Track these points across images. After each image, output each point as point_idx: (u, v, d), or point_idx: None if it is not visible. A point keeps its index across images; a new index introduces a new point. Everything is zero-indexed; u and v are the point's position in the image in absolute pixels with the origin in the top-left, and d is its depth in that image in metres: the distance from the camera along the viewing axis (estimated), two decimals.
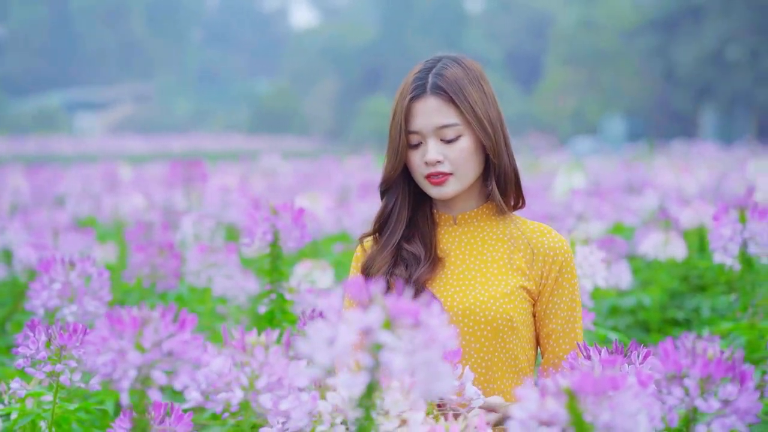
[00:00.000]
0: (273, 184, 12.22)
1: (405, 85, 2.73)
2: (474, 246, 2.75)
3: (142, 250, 4.84)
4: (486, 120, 2.68)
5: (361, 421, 1.78)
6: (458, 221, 2.78)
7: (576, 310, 2.73)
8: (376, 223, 2.82)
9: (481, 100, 2.69)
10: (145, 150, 33.69)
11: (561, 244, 2.74)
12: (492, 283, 2.69)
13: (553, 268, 2.71)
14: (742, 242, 3.76)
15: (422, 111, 2.68)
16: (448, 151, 2.67)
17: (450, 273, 2.73)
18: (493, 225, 2.77)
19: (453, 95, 2.66)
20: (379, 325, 1.70)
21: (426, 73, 2.71)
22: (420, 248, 2.74)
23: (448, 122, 2.67)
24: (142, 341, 1.89)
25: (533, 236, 2.74)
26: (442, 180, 2.69)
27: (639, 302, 5.52)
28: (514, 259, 2.72)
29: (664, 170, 10.28)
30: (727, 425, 1.91)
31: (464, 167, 2.69)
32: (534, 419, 1.80)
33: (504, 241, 2.74)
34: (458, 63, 2.72)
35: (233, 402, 2.01)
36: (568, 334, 2.71)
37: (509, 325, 2.65)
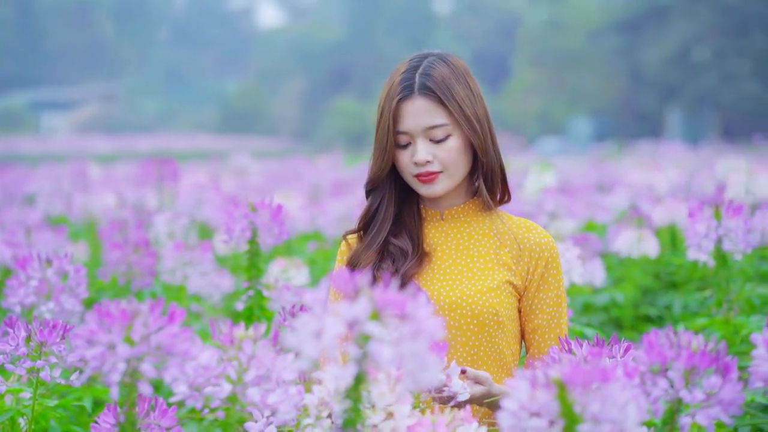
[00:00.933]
0: (243, 183, 12.20)
1: (392, 86, 2.71)
2: (461, 241, 2.77)
3: (117, 248, 4.83)
4: (474, 118, 2.69)
5: (349, 412, 1.79)
6: (445, 217, 2.79)
7: (561, 306, 2.75)
8: (361, 221, 2.83)
9: (468, 99, 2.70)
10: (112, 150, 33.52)
11: (547, 240, 2.76)
12: (478, 277, 2.70)
13: (539, 264, 2.72)
14: (716, 239, 3.80)
15: (411, 112, 2.68)
16: (438, 150, 2.68)
17: (436, 267, 2.74)
18: (479, 220, 2.79)
19: (441, 95, 2.66)
20: (367, 316, 1.71)
21: (413, 73, 2.70)
22: (407, 242, 2.75)
23: (437, 123, 2.67)
24: (131, 334, 1.89)
25: (520, 232, 2.75)
26: (432, 178, 2.70)
27: (612, 299, 5.56)
28: (501, 255, 2.73)
29: (635, 169, 10.34)
30: (711, 416, 1.93)
31: (454, 166, 2.70)
32: (524, 410, 1.81)
33: (490, 237, 2.76)
34: (444, 61, 2.73)
35: (221, 395, 2.01)
36: (553, 329, 2.73)
37: (495, 319, 2.67)
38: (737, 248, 3.79)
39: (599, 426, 1.78)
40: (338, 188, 10.16)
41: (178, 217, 5.94)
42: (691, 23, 39.51)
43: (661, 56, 40.34)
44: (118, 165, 18.16)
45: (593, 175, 12.64)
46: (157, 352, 1.92)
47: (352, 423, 1.78)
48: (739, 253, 3.81)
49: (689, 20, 39.64)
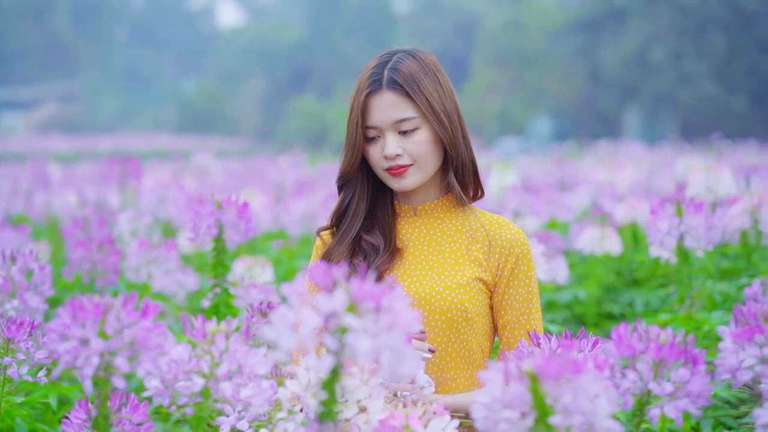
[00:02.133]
0: (206, 182, 12.17)
1: (361, 81, 2.74)
2: (433, 237, 2.78)
3: (81, 246, 4.80)
4: (442, 112, 2.70)
5: (326, 405, 1.80)
6: (418, 212, 2.81)
7: (532, 302, 2.76)
8: (333, 218, 2.84)
9: (437, 93, 2.71)
10: (71, 149, 33.28)
11: (518, 236, 2.78)
12: (448, 273, 2.72)
13: (509, 260, 2.74)
14: (678, 236, 3.84)
15: (379, 106, 2.70)
16: (407, 143, 2.70)
17: (408, 263, 2.76)
18: (452, 216, 2.80)
19: (409, 89, 2.68)
20: (344, 308, 1.72)
21: (382, 68, 2.73)
22: (379, 238, 2.76)
23: (405, 116, 2.69)
24: (104, 329, 1.89)
25: (491, 228, 2.77)
26: (402, 171, 2.71)
27: (575, 297, 5.60)
28: (472, 251, 2.75)
29: (596, 168, 10.42)
30: (679, 408, 1.96)
31: (424, 159, 2.72)
32: (497, 402, 1.83)
33: (463, 233, 2.77)
34: (413, 56, 2.75)
35: (194, 390, 2.01)
36: (523, 325, 2.74)
37: (464, 315, 2.68)
38: (699, 245, 3.84)
39: (570, 417, 1.80)
40: (302, 187, 10.17)
41: (141, 215, 5.92)
42: (648, 24, 39.76)
43: (619, 57, 40.59)
44: (79, 164, 18.04)
45: (555, 174, 12.71)
46: (131, 346, 1.92)
47: (328, 415, 1.79)
48: (701, 250, 3.85)
49: (646, 21, 39.90)
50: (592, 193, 8.61)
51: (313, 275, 1.74)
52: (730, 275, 5.01)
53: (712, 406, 3.45)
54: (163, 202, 6.60)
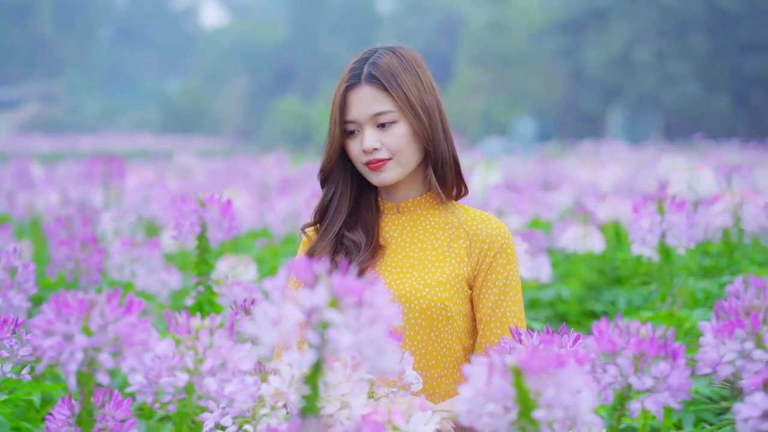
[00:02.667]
0: (188, 182, 12.16)
1: (342, 76, 2.77)
2: (415, 234, 2.79)
3: (64, 245, 4.79)
4: (420, 107, 2.71)
5: (308, 399, 1.81)
6: (401, 209, 2.82)
7: (508, 295, 2.75)
8: (316, 214, 2.85)
9: (416, 87, 2.73)
10: (53, 149, 33.17)
11: (499, 230, 2.78)
12: (428, 270, 2.73)
13: (488, 253, 2.74)
14: (660, 233, 3.86)
15: (357, 100, 2.72)
16: (385, 137, 2.71)
17: (390, 260, 2.76)
18: (435, 213, 2.81)
19: (386, 83, 2.70)
20: (326, 303, 1.73)
21: (362, 63, 2.75)
22: (361, 236, 2.77)
23: (383, 109, 2.71)
24: (88, 324, 1.90)
25: (473, 224, 2.78)
26: (380, 165, 2.73)
27: (558, 295, 5.62)
28: (453, 247, 2.75)
29: (580, 167, 10.46)
30: (659, 401, 1.97)
31: (402, 153, 2.73)
32: (481, 396, 1.84)
33: (444, 229, 2.78)
34: (394, 52, 2.77)
35: (178, 385, 2.02)
36: (499, 318, 2.73)
37: (443, 313, 2.69)
38: (680, 243, 3.86)
39: (553, 411, 1.82)
40: (285, 186, 10.17)
41: (124, 214, 5.92)
42: (630, 24, 39.88)
43: (602, 57, 40.70)
44: (61, 164, 17.99)
45: (538, 174, 12.75)
46: (115, 342, 1.92)
47: (310, 409, 1.79)
48: (683, 247, 3.87)
49: (629, 21, 40.01)
50: (575, 192, 8.64)
51: (295, 270, 1.75)
52: (712, 273, 5.04)
53: (694, 402, 3.47)
54: (147, 201, 6.60)
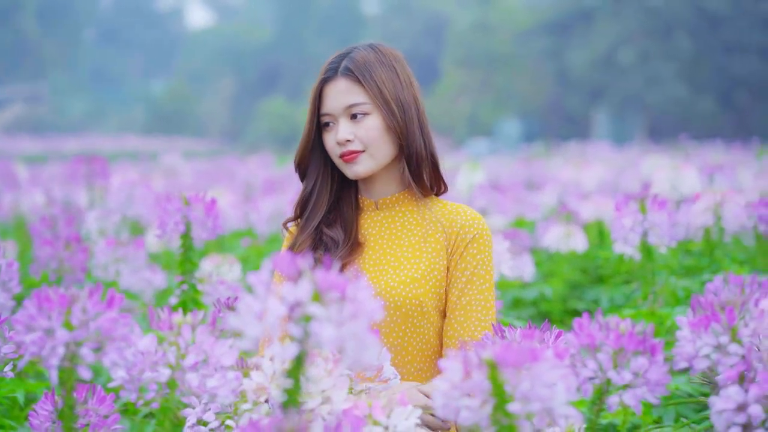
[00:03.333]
0: (174, 182, 12.16)
1: (320, 71, 2.81)
2: (392, 231, 2.81)
3: (48, 244, 4.80)
4: (394, 101, 2.74)
5: (290, 392, 1.82)
6: (380, 206, 2.84)
7: (475, 284, 2.74)
8: (297, 208, 2.88)
9: (390, 81, 2.76)
10: (38, 150, 33.09)
11: (473, 221, 2.78)
12: (405, 267, 2.74)
13: (461, 243, 2.75)
14: (642, 232, 3.89)
15: (332, 92, 2.77)
16: (358, 129, 2.74)
17: (367, 257, 2.79)
18: (413, 210, 2.83)
19: (360, 76, 2.74)
20: (309, 297, 1.75)
21: (340, 58, 2.79)
22: (340, 233, 2.79)
23: (356, 101, 2.74)
24: (70, 319, 1.91)
25: (449, 216, 2.79)
26: (354, 157, 2.75)
27: (541, 294, 5.65)
28: (430, 242, 2.77)
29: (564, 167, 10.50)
30: (638, 396, 2.00)
31: (375, 145, 2.75)
32: (457, 389, 1.87)
33: (422, 225, 2.80)
34: (372, 48, 2.81)
35: (160, 381, 2.03)
36: (463, 306, 2.73)
37: (419, 309, 2.71)
38: (662, 241, 3.89)
39: (529, 405, 1.84)
40: (270, 186, 10.18)
41: (109, 214, 5.93)
42: (616, 25, 40.00)
43: (587, 58, 40.80)
44: (46, 165, 17.96)
45: (522, 174, 12.79)
46: (96, 337, 1.94)
47: (292, 403, 1.81)
48: (664, 246, 3.91)
49: (614, 22, 40.13)
50: (558, 192, 8.67)
51: (278, 265, 1.77)
52: (694, 272, 5.07)
53: (673, 397, 3.50)
54: (131, 201, 6.61)
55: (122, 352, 1.96)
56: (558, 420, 1.87)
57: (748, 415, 1.90)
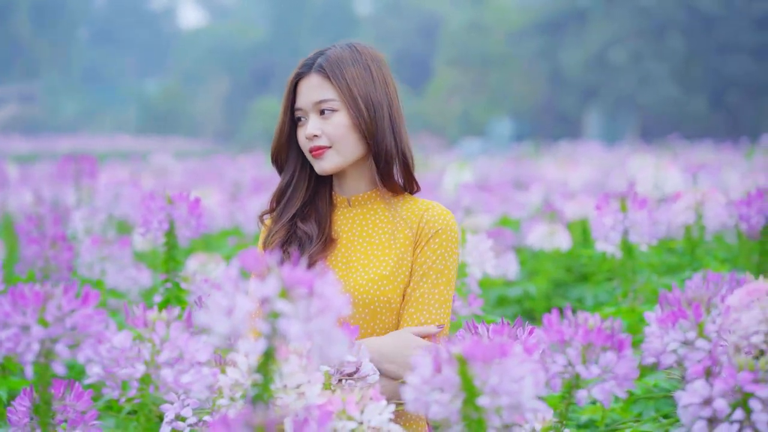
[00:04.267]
0: (164, 181, 12.18)
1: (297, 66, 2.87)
2: (363, 228, 2.84)
3: (34, 243, 4.81)
4: (363, 99, 2.77)
5: (260, 386, 1.85)
6: (352, 203, 2.87)
7: (430, 278, 2.75)
8: (273, 200, 2.91)
9: (362, 80, 2.79)
10: (31, 150, 33.04)
11: (439, 217, 2.80)
12: (374, 265, 2.77)
13: (423, 238, 2.77)
14: (623, 231, 3.93)
15: (304, 88, 2.82)
16: (325, 125, 2.78)
17: (338, 254, 2.81)
18: (384, 208, 2.85)
19: (330, 72, 2.78)
20: (276, 294, 1.77)
21: (317, 55, 2.85)
22: (314, 227, 2.82)
23: (324, 97, 2.78)
24: (45, 316, 1.94)
25: (418, 212, 2.81)
26: (320, 153, 2.79)
27: (525, 292, 5.68)
28: (398, 239, 2.79)
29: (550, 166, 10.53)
30: (606, 390, 2.03)
31: (342, 142, 2.78)
32: (427, 384, 1.89)
33: (392, 223, 2.82)
34: (350, 47, 2.85)
35: (135, 376, 2.06)
36: (416, 299, 2.74)
37: (387, 306, 2.73)
38: (642, 239, 3.92)
39: (498, 399, 1.87)
40: (258, 185, 10.20)
41: (95, 213, 5.94)
42: (608, 26, 40.04)
43: (580, 58, 40.84)
44: (38, 165, 17.96)
45: (511, 173, 12.82)
46: (72, 333, 1.96)
47: (262, 397, 1.84)
48: (645, 244, 3.94)
49: (607, 23, 40.18)
50: (544, 191, 8.70)
51: (245, 261, 1.79)
52: (676, 270, 5.11)
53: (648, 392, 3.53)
54: (118, 200, 6.62)
55: (97, 348, 1.98)
56: (527, 414, 1.90)
57: (713, 409, 1.93)
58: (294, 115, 2.86)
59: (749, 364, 1.94)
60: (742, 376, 1.92)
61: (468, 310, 3.99)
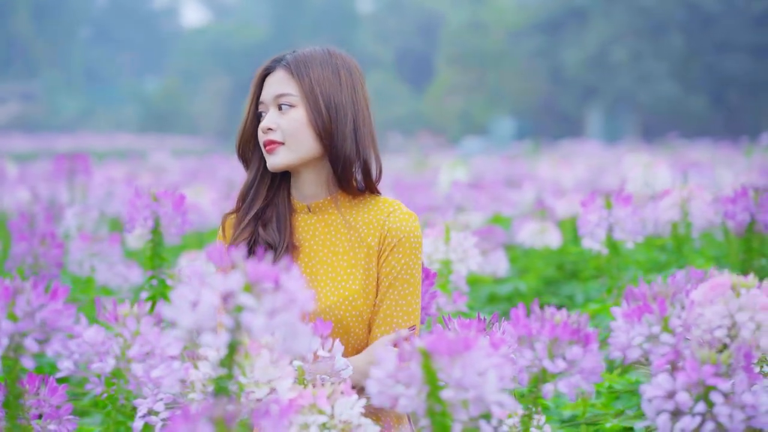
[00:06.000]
0: (160, 180, 12.20)
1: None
2: (325, 236, 2.81)
3: (23, 240, 4.83)
4: (324, 99, 2.75)
5: (222, 380, 1.86)
6: (312, 210, 2.82)
7: (397, 288, 2.74)
8: (239, 200, 2.89)
9: (327, 81, 2.78)
10: (31, 148, 33.04)
11: (402, 223, 2.77)
12: (343, 279, 2.75)
13: (387, 247, 2.75)
14: (608, 227, 3.95)
15: (269, 82, 2.82)
16: (281, 120, 2.77)
17: (303, 266, 2.77)
18: (346, 212, 2.81)
19: (294, 68, 2.78)
20: (240, 288, 1.79)
21: (289, 53, 2.85)
22: (275, 235, 2.79)
23: (284, 92, 2.77)
24: (14, 310, 1.96)
25: (380, 217, 2.78)
26: (273, 148, 2.77)
27: (516, 289, 5.69)
28: (362, 248, 2.75)
29: (544, 165, 10.55)
30: (572, 384, 2.04)
31: (294, 138, 2.75)
32: (391, 378, 1.91)
33: (356, 229, 2.78)
34: (324, 49, 2.84)
35: (105, 371, 2.08)
36: (383, 310, 2.74)
37: (359, 320, 2.72)
38: (627, 237, 3.94)
39: (462, 392, 1.89)
40: None
41: (88, 210, 5.96)
42: (608, 24, 40.07)
43: (579, 57, 40.86)
44: (36, 163, 17.98)
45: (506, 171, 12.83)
46: (41, 328, 1.98)
47: (223, 390, 1.85)
48: (630, 241, 3.96)
49: (606, 21, 40.20)
50: (537, 189, 8.72)
51: (211, 256, 1.81)
52: (663, 267, 5.12)
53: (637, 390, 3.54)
54: (111, 198, 6.65)
55: (66, 342, 2.00)
56: (491, 408, 1.92)
57: (676, 402, 1.95)
58: (258, 109, 2.85)
59: (711, 357, 1.96)
60: (704, 370, 1.94)
61: (453, 307, 4.01)
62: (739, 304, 2.11)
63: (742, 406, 1.94)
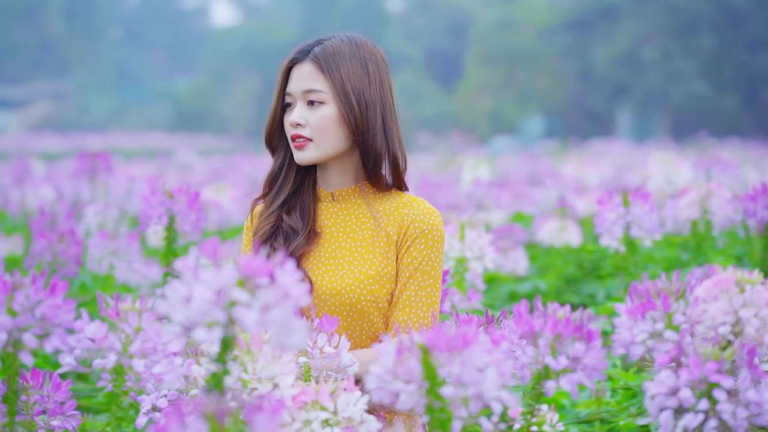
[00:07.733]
0: (186, 178, 12.23)
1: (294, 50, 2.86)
2: (347, 222, 2.82)
3: (43, 237, 4.86)
4: (354, 95, 2.75)
5: (217, 376, 1.86)
6: (336, 198, 2.85)
7: (417, 279, 2.75)
8: (266, 185, 2.90)
9: (356, 76, 2.77)
10: (62, 148, 33.23)
11: (425, 215, 2.78)
12: (360, 263, 2.76)
13: (409, 237, 2.75)
14: (625, 225, 3.92)
15: (297, 75, 2.80)
16: (311, 116, 2.76)
17: (323, 250, 2.79)
18: (370, 202, 2.83)
19: (324, 63, 2.76)
20: (233, 283, 1.78)
21: (316, 43, 2.82)
22: (298, 221, 2.81)
23: (314, 87, 2.76)
24: (13, 305, 1.96)
25: (403, 210, 2.79)
26: (302, 144, 2.77)
27: (536, 288, 5.66)
28: (382, 237, 2.76)
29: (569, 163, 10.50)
30: (574, 381, 2.03)
31: (324, 135, 2.76)
32: (390, 373, 1.90)
33: (378, 219, 2.79)
34: (350, 40, 2.82)
35: (107, 366, 2.08)
36: (403, 301, 2.74)
37: (375, 305, 2.72)
38: (644, 235, 3.91)
39: (461, 389, 1.87)
40: None
41: (108, 208, 5.98)
42: (639, 23, 39.87)
43: (610, 55, 40.68)
44: (64, 162, 18.08)
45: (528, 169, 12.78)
46: (41, 323, 1.98)
47: (217, 385, 1.85)
48: (648, 239, 3.93)
49: (637, 20, 40.00)
50: (559, 187, 8.67)
51: (205, 251, 1.80)
52: (683, 265, 5.08)
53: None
54: (131, 196, 6.67)
55: (65, 337, 2.00)
56: (491, 404, 1.90)
57: (679, 399, 1.93)
58: (285, 100, 2.84)
59: (714, 354, 1.93)
60: (707, 367, 1.92)
61: (468, 304, 3.99)
62: (744, 300, 2.09)
63: (745, 403, 1.91)
